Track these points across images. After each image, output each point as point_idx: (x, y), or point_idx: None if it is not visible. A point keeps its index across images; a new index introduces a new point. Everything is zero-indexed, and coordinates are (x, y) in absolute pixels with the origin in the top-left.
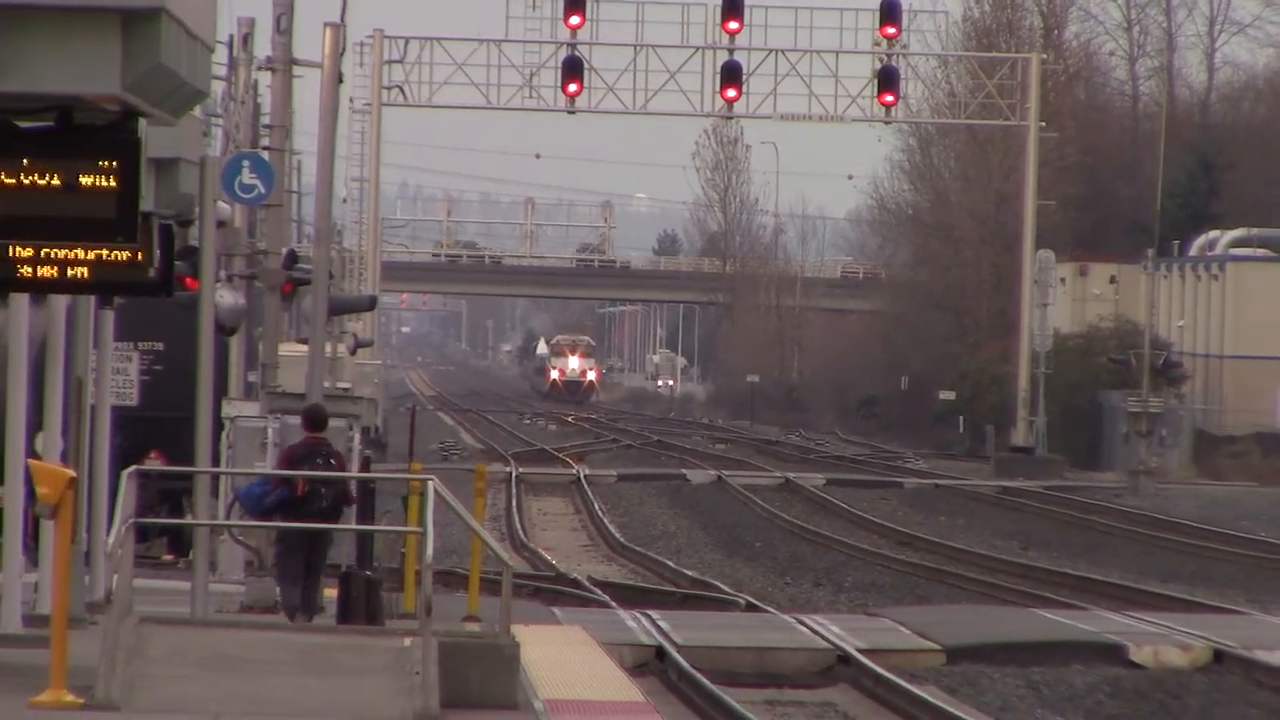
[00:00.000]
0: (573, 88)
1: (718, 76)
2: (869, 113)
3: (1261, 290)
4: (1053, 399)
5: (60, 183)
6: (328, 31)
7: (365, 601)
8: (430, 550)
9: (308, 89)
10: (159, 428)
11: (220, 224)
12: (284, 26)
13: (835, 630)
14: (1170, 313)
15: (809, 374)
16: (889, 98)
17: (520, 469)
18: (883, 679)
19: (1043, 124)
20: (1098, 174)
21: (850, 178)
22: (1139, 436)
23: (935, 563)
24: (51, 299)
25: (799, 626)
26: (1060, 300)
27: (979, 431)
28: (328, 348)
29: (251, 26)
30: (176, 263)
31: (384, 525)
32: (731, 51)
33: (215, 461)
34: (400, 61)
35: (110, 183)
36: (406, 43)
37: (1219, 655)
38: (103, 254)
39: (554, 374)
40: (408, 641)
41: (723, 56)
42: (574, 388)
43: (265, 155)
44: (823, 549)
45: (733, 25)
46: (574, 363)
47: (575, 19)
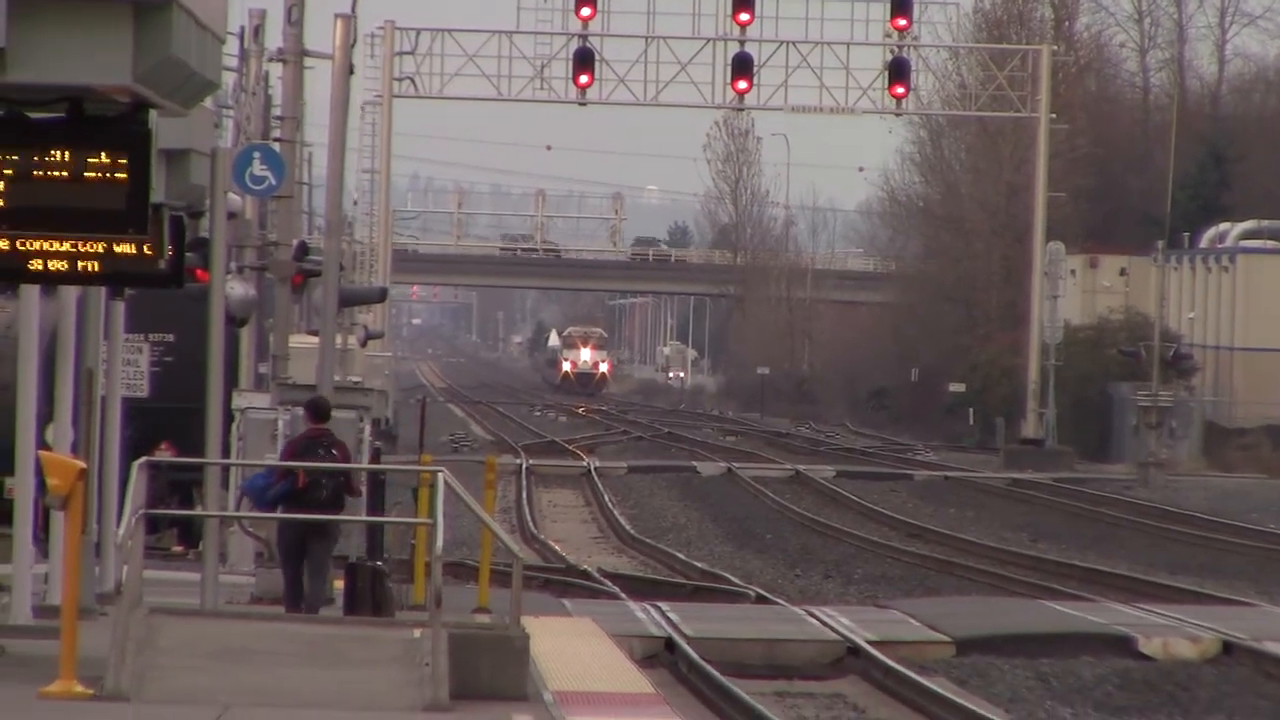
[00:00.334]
0: (584, 79)
1: (729, 68)
2: (880, 104)
3: (1272, 282)
4: (1063, 391)
5: (71, 174)
6: (339, 23)
7: (371, 592)
8: (440, 542)
9: (319, 81)
10: (169, 419)
11: (231, 215)
12: (295, 18)
13: (845, 622)
14: (1180, 305)
15: (819, 366)
16: (900, 89)
17: (530, 461)
18: (892, 671)
19: (1053, 116)
20: (1108, 166)
21: (861, 170)
22: (1149, 428)
23: (945, 555)
24: (62, 290)
25: (809, 618)
26: (1070, 292)
27: (989, 423)
28: (338, 339)
29: (262, 18)
30: (187, 254)
31: (394, 517)
32: (742, 43)
33: (225, 453)
34: (411, 53)
35: (121, 174)
36: (417, 34)
37: (1228, 647)
38: (113, 246)
39: (566, 366)
40: (417, 633)
41: (734, 48)
42: (586, 380)
43: (276, 147)
44: (833, 541)
45: (744, 17)
46: (586, 355)
47: (586, 10)
